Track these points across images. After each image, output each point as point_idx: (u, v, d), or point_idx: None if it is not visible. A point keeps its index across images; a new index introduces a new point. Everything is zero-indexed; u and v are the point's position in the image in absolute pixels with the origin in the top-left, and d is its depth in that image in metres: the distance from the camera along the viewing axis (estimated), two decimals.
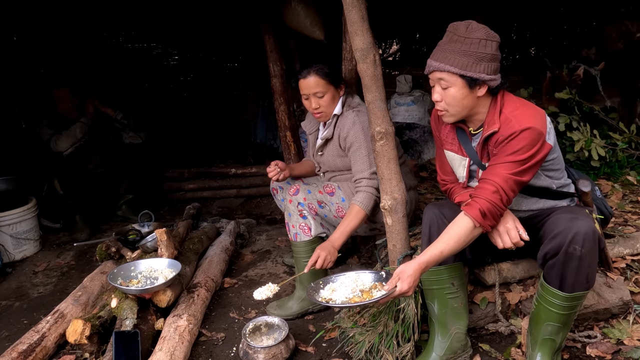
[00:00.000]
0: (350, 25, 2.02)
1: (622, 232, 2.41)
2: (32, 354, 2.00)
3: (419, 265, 1.62)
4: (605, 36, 3.89)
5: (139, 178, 4.03)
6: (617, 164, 3.48)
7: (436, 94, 1.73)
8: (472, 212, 1.64)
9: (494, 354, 1.97)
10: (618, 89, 3.89)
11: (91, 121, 3.79)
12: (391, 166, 2.10)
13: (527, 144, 1.63)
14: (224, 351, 2.17)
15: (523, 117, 1.66)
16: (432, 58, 1.70)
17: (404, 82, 5.05)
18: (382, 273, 1.78)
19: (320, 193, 2.47)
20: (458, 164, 1.90)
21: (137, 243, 2.79)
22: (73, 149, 3.72)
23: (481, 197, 1.65)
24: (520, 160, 1.64)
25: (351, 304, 1.68)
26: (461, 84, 1.67)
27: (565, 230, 1.60)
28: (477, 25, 1.66)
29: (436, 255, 1.64)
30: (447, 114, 1.76)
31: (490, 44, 1.65)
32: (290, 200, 2.45)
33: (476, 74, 1.64)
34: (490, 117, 1.73)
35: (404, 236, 2.21)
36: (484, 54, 1.64)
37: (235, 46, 5.63)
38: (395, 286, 1.60)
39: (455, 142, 1.89)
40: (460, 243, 1.66)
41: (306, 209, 2.43)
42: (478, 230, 1.67)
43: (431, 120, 2.04)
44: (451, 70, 1.65)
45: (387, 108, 2.08)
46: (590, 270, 1.62)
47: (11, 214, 3.26)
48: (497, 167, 1.66)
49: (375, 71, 2.04)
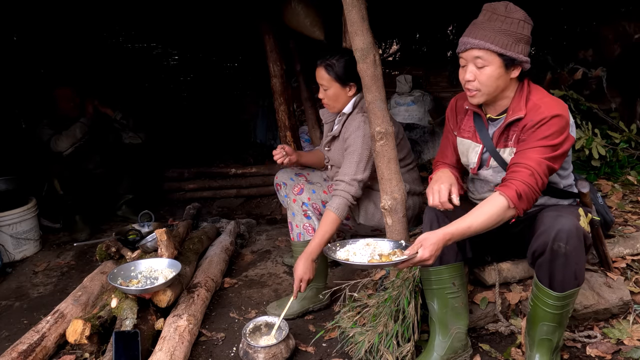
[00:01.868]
0: (350, 25, 2.02)
1: (622, 232, 2.41)
2: (32, 354, 2.00)
3: (444, 236, 1.58)
4: (602, 38, 3.87)
5: (139, 178, 4.03)
6: (618, 163, 3.48)
7: (469, 73, 1.71)
8: (509, 192, 1.61)
9: (494, 354, 1.97)
10: (618, 90, 3.89)
11: (91, 121, 3.79)
12: (391, 166, 2.10)
13: (557, 130, 1.64)
14: (224, 351, 2.17)
15: (552, 104, 1.67)
16: (470, 36, 1.68)
17: (404, 82, 5.05)
18: (401, 242, 1.75)
19: (324, 193, 2.47)
20: (471, 150, 1.89)
21: (137, 243, 2.79)
22: (73, 149, 3.72)
23: (517, 179, 1.62)
24: (551, 145, 1.64)
25: (369, 264, 1.65)
26: (499, 63, 1.66)
27: (549, 229, 1.60)
28: (515, 7, 1.67)
29: (463, 229, 1.61)
30: (479, 93, 1.73)
31: (527, 26, 1.66)
32: (295, 200, 2.44)
33: (515, 54, 1.64)
34: (515, 103, 1.73)
35: (404, 236, 2.21)
36: (522, 35, 1.64)
37: (235, 46, 5.63)
38: (416, 252, 1.57)
39: (471, 128, 1.88)
40: (490, 221, 1.62)
41: (310, 209, 2.43)
42: (510, 212, 1.63)
43: (448, 109, 2.02)
44: (491, 48, 1.63)
45: (387, 108, 2.08)
46: (578, 267, 1.62)
47: (11, 214, 3.26)
48: (529, 151, 1.65)
49: (375, 71, 2.04)
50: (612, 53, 3.83)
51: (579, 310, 2.01)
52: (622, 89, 3.88)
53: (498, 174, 1.84)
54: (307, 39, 3.31)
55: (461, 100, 1.94)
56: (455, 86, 5.14)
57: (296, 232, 2.45)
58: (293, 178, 2.60)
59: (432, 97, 5.10)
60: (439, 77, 5.31)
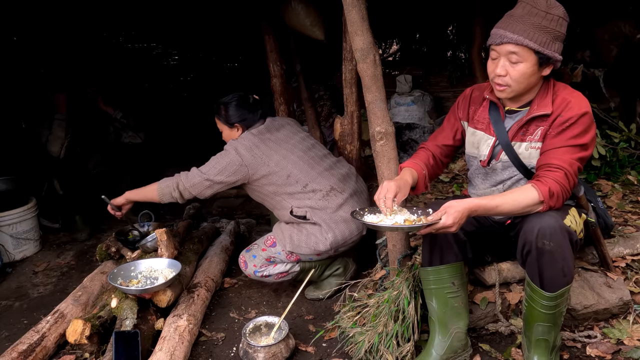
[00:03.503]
0: (350, 25, 2.02)
1: (622, 232, 2.41)
2: (32, 354, 2.00)
3: (469, 205, 1.57)
4: (597, 38, 3.87)
5: (138, 178, 4.02)
6: (618, 163, 3.47)
7: (500, 67, 1.66)
8: (542, 187, 1.61)
9: (494, 354, 1.97)
10: (617, 90, 3.89)
11: (66, 114, 3.73)
12: (391, 166, 2.10)
13: (585, 128, 1.64)
14: (224, 351, 2.17)
15: (581, 99, 1.66)
16: (506, 29, 1.63)
17: (404, 82, 5.05)
18: (429, 210, 1.72)
19: (264, 251, 2.50)
20: (482, 142, 1.87)
21: (137, 243, 2.79)
22: (64, 149, 3.71)
23: (550, 177, 1.62)
24: (581, 144, 1.64)
25: (395, 227, 1.64)
26: (534, 61, 1.63)
27: (533, 228, 1.61)
28: (556, 2, 1.63)
29: (490, 205, 1.60)
30: (509, 89, 1.70)
31: (565, 23, 1.63)
32: (249, 275, 2.51)
33: (551, 53, 1.61)
34: (540, 99, 1.71)
35: (404, 236, 2.21)
36: (560, 33, 1.62)
37: (235, 46, 5.63)
38: (439, 219, 1.56)
39: (486, 120, 1.86)
40: (516, 208, 1.62)
41: (263, 268, 2.48)
42: (537, 206, 1.63)
43: (460, 97, 1.99)
44: (529, 45, 1.59)
45: (387, 108, 2.08)
46: (566, 264, 1.62)
47: (11, 214, 3.25)
48: (559, 151, 1.64)
49: (375, 71, 2.04)
50: (610, 54, 3.83)
51: (579, 310, 2.02)
52: (620, 89, 3.88)
53: (506, 170, 1.83)
54: (307, 39, 3.31)
55: (478, 91, 1.92)
56: (455, 86, 5.14)
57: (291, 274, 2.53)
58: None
59: (432, 97, 5.10)
60: (439, 77, 5.31)
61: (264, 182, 2.43)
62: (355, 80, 2.80)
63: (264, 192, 2.49)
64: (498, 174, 1.86)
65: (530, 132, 1.75)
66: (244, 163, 2.38)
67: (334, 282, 2.54)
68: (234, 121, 2.53)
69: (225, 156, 2.42)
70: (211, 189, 2.43)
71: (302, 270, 2.49)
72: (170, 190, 2.46)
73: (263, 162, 2.40)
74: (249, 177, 2.42)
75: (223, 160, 2.41)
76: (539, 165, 1.70)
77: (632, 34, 3.69)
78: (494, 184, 1.89)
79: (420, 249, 2.05)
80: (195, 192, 2.44)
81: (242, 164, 2.38)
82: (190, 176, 2.44)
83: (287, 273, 2.50)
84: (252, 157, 2.40)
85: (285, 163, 2.42)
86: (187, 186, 2.43)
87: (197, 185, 2.43)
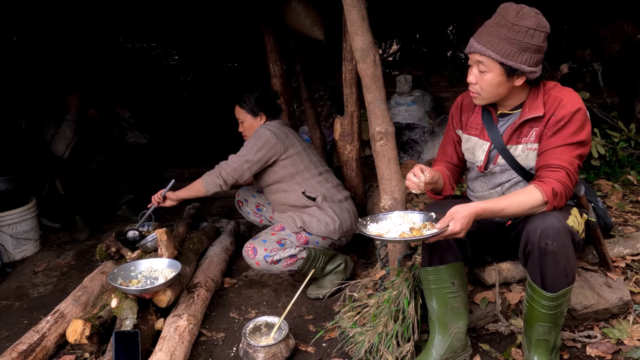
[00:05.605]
0: (350, 25, 2.02)
1: (622, 232, 2.41)
2: (32, 354, 2.00)
3: (475, 209, 1.59)
4: (599, 37, 3.88)
5: (140, 178, 4.03)
6: (617, 163, 3.47)
7: (472, 75, 1.72)
8: (545, 187, 1.62)
9: (494, 354, 1.97)
10: (617, 90, 3.89)
11: (77, 116, 3.72)
12: (391, 166, 2.09)
13: (580, 125, 1.65)
14: (224, 351, 2.17)
15: (572, 98, 1.67)
16: (475, 39, 1.68)
17: (404, 82, 5.05)
18: (432, 214, 1.73)
19: (273, 235, 2.54)
20: (477, 148, 1.89)
21: (137, 243, 2.79)
22: (69, 149, 3.71)
23: (553, 177, 1.64)
24: (578, 142, 1.65)
25: (401, 239, 1.65)
26: (499, 71, 1.65)
27: (536, 228, 1.61)
28: (529, 12, 1.62)
29: (496, 209, 1.62)
30: (479, 97, 1.75)
31: (538, 34, 1.61)
32: (257, 264, 2.47)
33: (516, 64, 1.62)
34: (531, 101, 1.73)
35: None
36: (529, 45, 1.61)
37: (235, 46, 5.63)
38: (447, 226, 1.57)
39: (479, 126, 1.87)
40: (522, 210, 1.64)
41: (273, 252, 2.47)
42: (542, 207, 1.64)
43: (452, 107, 2.02)
44: (491, 56, 1.62)
45: (387, 108, 2.08)
46: (568, 264, 1.62)
47: (11, 214, 3.26)
48: (558, 150, 1.66)
49: (375, 71, 2.04)
50: (611, 52, 3.84)
51: (579, 310, 2.02)
52: (620, 89, 3.88)
53: (504, 173, 1.84)
54: (307, 39, 3.31)
55: (468, 98, 1.94)
56: (455, 86, 5.14)
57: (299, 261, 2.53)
58: (255, 195, 2.97)
59: (432, 97, 5.10)
60: (439, 77, 5.31)
61: (288, 163, 2.62)
62: (355, 80, 2.80)
63: (282, 174, 2.63)
64: (497, 177, 1.88)
65: (524, 134, 1.76)
66: (279, 140, 2.59)
67: (335, 280, 2.56)
68: (259, 110, 2.73)
69: (260, 137, 2.59)
70: (250, 170, 2.59)
71: (307, 258, 2.50)
72: (213, 179, 2.60)
73: (292, 143, 2.65)
74: (280, 154, 2.59)
75: (259, 140, 2.58)
76: (539, 166, 1.71)
77: (634, 33, 3.69)
78: (493, 187, 1.90)
79: (420, 249, 2.05)
80: (237, 175, 2.58)
81: (277, 141, 2.59)
82: (230, 162, 2.60)
83: (296, 259, 2.48)
84: (285, 136, 2.64)
85: (305, 152, 2.70)
86: (229, 171, 2.58)
87: (238, 168, 2.58)
